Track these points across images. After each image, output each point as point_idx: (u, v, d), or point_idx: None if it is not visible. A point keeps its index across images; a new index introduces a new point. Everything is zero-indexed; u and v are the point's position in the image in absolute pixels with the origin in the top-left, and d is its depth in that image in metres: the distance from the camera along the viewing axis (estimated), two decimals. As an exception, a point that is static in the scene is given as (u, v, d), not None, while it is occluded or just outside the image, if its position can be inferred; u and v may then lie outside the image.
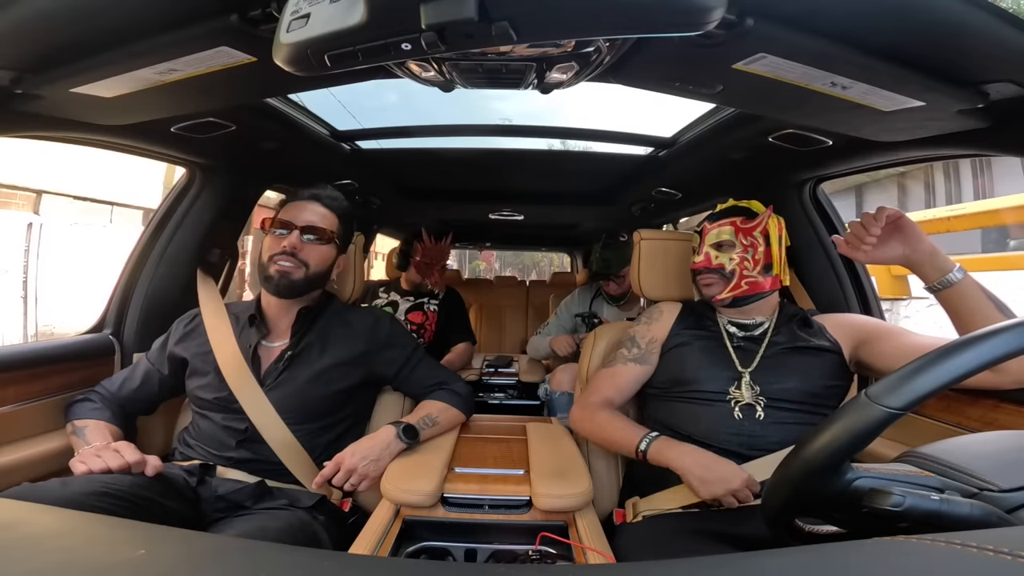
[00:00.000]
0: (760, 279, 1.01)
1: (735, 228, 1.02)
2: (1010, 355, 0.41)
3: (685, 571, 0.28)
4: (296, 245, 1.01)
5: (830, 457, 0.44)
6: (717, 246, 1.03)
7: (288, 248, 1.01)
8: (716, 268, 1.02)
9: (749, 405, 0.93)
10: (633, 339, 1.09)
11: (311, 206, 1.06)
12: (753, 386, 0.95)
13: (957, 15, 0.55)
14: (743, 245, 1.01)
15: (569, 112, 4.88)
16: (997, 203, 2.01)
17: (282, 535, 0.82)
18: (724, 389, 0.96)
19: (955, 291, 0.80)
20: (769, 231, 1.03)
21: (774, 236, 1.03)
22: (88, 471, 0.82)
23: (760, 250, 1.01)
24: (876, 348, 0.93)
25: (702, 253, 1.05)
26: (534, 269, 18.67)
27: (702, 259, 1.04)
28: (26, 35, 0.64)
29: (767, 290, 1.02)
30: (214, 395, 0.98)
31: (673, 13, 0.48)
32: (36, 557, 0.27)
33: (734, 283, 1.01)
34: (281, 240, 1.02)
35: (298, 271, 1.02)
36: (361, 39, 0.50)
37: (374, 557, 0.68)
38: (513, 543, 0.80)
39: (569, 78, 0.75)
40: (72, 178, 6.75)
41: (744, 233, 1.02)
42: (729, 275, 1.01)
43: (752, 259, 1.01)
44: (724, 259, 1.02)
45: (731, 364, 0.99)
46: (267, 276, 1.01)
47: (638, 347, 1.08)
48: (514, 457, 1.03)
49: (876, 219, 0.85)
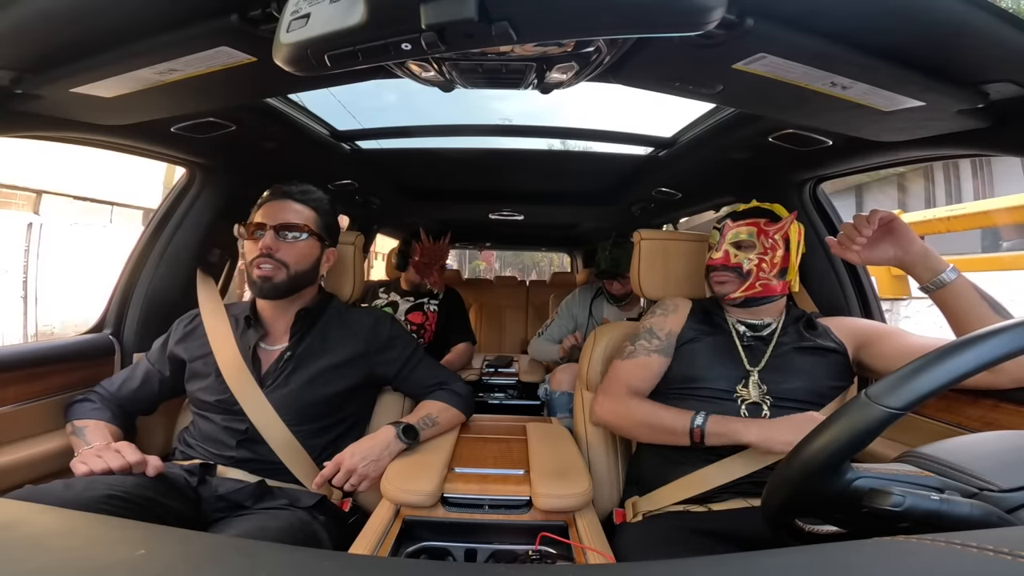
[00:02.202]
0: (774, 282, 1.01)
1: (758, 229, 1.01)
2: (1010, 355, 0.41)
3: (685, 571, 0.28)
4: (272, 245, 0.98)
5: (830, 457, 0.44)
6: (737, 244, 1.02)
7: (264, 250, 0.98)
8: (734, 267, 1.01)
9: (755, 404, 0.93)
10: (651, 331, 1.07)
11: (283, 204, 1.03)
12: (760, 385, 0.95)
13: (957, 15, 0.55)
14: (763, 247, 1.00)
15: (569, 112, 4.85)
16: (997, 203, 2.01)
17: (282, 535, 0.82)
18: (732, 387, 0.96)
19: (949, 291, 0.82)
20: (790, 236, 1.02)
21: (793, 241, 1.02)
22: (89, 472, 0.82)
23: (779, 253, 1.00)
24: (876, 350, 0.94)
25: (721, 249, 1.03)
26: (534, 269, 18.68)
27: (720, 256, 1.03)
28: (26, 35, 0.64)
29: (778, 294, 1.02)
30: (215, 397, 0.98)
31: (673, 13, 0.48)
32: (36, 557, 0.27)
33: (749, 283, 1.00)
34: (256, 243, 0.99)
35: (279, 272, 0.99)
36: (361, 39, 0.50)
37: (374, 557, 0.68)
38: (513, 543, 0.80)
39: (569, 78, 0.75)
40: (72, 178, 6.75)
41: (766, 235, 1.01)
42: (746, 275, 1.00)
43: (770, 262, 1.00)
44: (743, 258, 1.01)
45: (739, 363, 0.99)
46: (251, 281, 1.00)
47: (658, 339, 1.06)
48: (514, 457, 1.03)
49: (868, 221, 0.85)
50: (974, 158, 4.18)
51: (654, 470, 0.99)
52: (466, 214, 2.52)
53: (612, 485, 1.08)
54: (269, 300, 1.03)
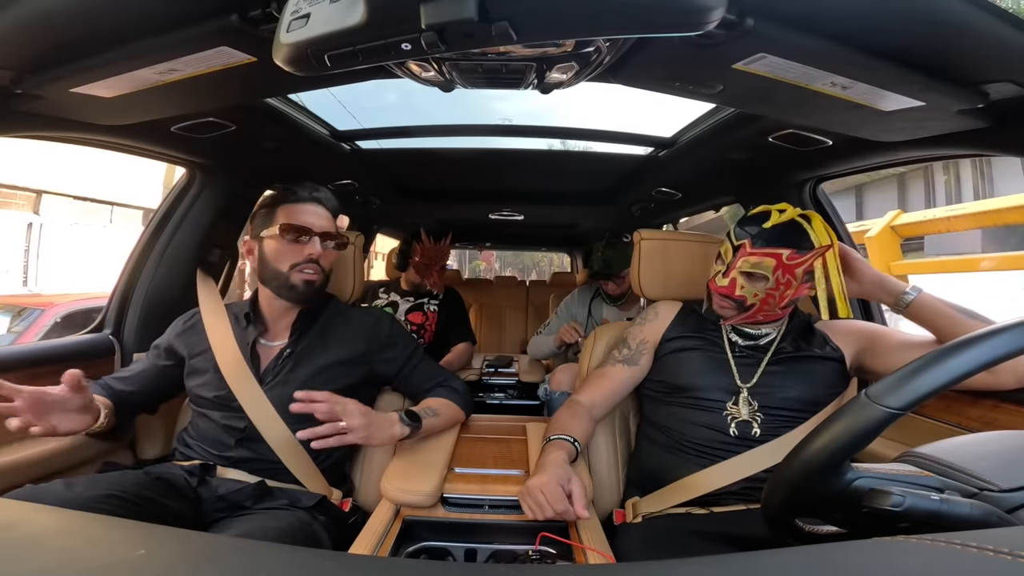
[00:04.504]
0: (779, 312, 0.94)
1: (777, 263, 0.88)
2: (1010, 355, 0.41)
3: (685, 571, 0.28)
4: (320, 252, 1.01)
5: (830, 457, 0.44)
6: (748, 276, 0.91)
7: (314, 256, 1.00)
8: (738, 299, 0.92)
9: (746, 421, 0.92)
10: (625, 340, 1.09)
11: (317, 210, 1.04)
12: (751, 402, 0.93)
13: (957, 15, 0.55)
14: (777, 282, 0.89)
15: (569, 112, 4.86)
16: (997, 203, 2.01)
17: (282, 535, 0.82)
18: (722, 400, 0.94)
19: (915, 308, 0.89)
20: (815, 269, 0.90)
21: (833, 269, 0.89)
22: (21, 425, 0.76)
23: (794, 286, 0.90)
24: (877, 351, 0.94)
25: (728, 277, 0.93)
26: (534, 269, 18.69)
27: (726, 285, 0.93)
28: (26, 35, 0.64)
29: (780, 318, 0.98)
30: (213, 393, 0.98)
31: (673, 13, 0.48)
32: (36, 557, 0.27)
33: (748, 315, 0.94)
34: (302, 248, 1.00)
35: (319, 277, 1.02)
36: (361, 39, 0.51)
37: (374, 557, 0.68)
38: (513, 543, 0.80)
39: (569, 78, 0.75)
40: (72, 178, 6.76)
41: (784, 270, 0.88)
42: (748, 308, 0.93)
43: (779, 295, 0.90)
44: (749, 292, 0.91)
45: (730, 376, 0.96)
46: (290, 285, 1.00)
47: (628, 348, 1.07)
48: (514, 457, 1.03)
49: None
50: (974, 158, 4.18)
51: (652, 472, 0.99)
52: (466, 214, 2.53)
53: (612, 485, 1.08)
54: (300, 305, 1.04)
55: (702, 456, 0.92)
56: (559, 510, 0.73)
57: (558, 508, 0.73)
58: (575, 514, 0.73)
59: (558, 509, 0.72)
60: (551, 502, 0.73)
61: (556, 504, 0.73)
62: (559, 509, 0.72)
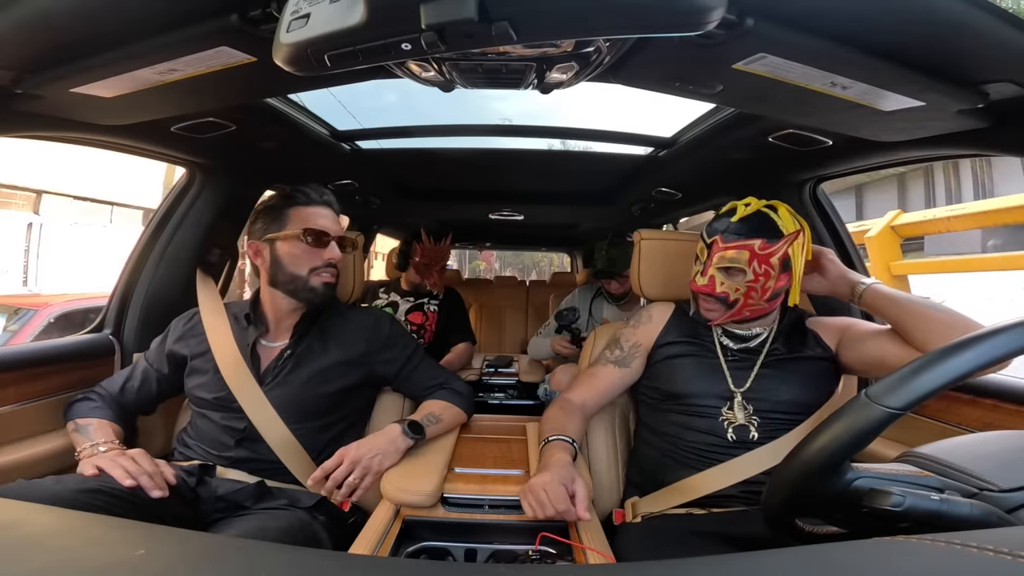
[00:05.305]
0: (764, 305, 0.93)
1: (750, 254, 0.89)
2: (1010, 355, 0.41)
3: (685, 571, 0.28)
4: (340, 256, 1.04)
5: (830, 457, 0.44)
6: (725, 271, 0.92)
7: (334, 260, 1.03)
8: (719, 296, 0.92)
9: (743, 426, 0.91)
10: (618, 341, 1.08)
11: (329, 213, 1.06)
12: (746, 406, 0.92)
13: (957, 15, 0.55)
14: (754, 273, 0.89)
15: (569, 112, 4.84)
16: (997, 203, 2.01)
17: (282, 535, 0.82)
18: (717, 406, 0.93)
19: (868, 298, 0.89)
20: (790, 255, 0.90)
21: (797, 259, 0.90)
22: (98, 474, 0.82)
23: (773, 276, 0.90)
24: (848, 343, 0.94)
25: (707, 275, 0.94)
26: (534, 269, 18.70)
27: (706, 283, 0.94)
28: (26, 35, 0.64)
29: (769, 312, 0.97)
30: (213, 394, 0.98)
31: (673, 13, 0.48)
32: (36, 557, 0.27)
33: (734, 312, 0.93)
34: (321, 252, 1.01)
35: (335, 279, 1.05)
36: (361, 39, 0.51)
37: (374, 557, 0.68)
38: (513, 543, 0.79)
39: (569, 78, 0.75)
40: (72, 178, 6.76)
41: (760, 260, 0.89)
42: (731, 304, 0.93)
43: (761, 288, 0.90)
44: (729, 288, 0.91)
45: (723, 381, 0.95)
46: (310, 288, 1.01)
47: (620, 349, 1.06)
48: (514, 457, 1.03)
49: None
50: (974, 158, 4.18)
51: (651, 472, 0.99)
52: (466, 214, 2.52)
53: (612, 485, 1.08)
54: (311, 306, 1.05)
55: (701, 460, 0.92)
56: (560, 509, 0.73)
57: (559, 507, 0.73)
58: (576, 515, 0.73)
59: (559, 508, 0.72)
60: (553, 501, 0.73)
61: (558, 503, 0.73)
62: (560, 508, 0.73)
